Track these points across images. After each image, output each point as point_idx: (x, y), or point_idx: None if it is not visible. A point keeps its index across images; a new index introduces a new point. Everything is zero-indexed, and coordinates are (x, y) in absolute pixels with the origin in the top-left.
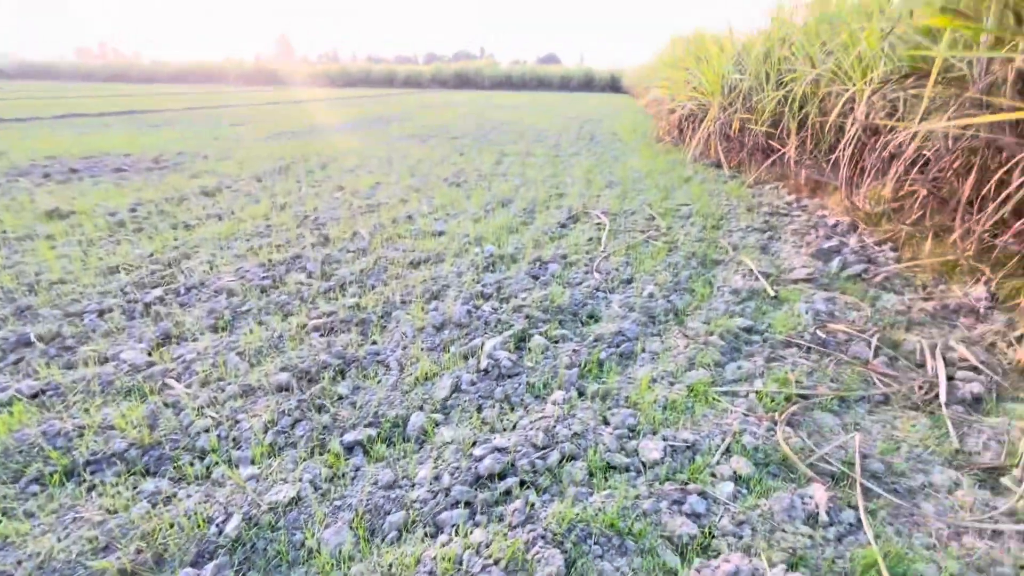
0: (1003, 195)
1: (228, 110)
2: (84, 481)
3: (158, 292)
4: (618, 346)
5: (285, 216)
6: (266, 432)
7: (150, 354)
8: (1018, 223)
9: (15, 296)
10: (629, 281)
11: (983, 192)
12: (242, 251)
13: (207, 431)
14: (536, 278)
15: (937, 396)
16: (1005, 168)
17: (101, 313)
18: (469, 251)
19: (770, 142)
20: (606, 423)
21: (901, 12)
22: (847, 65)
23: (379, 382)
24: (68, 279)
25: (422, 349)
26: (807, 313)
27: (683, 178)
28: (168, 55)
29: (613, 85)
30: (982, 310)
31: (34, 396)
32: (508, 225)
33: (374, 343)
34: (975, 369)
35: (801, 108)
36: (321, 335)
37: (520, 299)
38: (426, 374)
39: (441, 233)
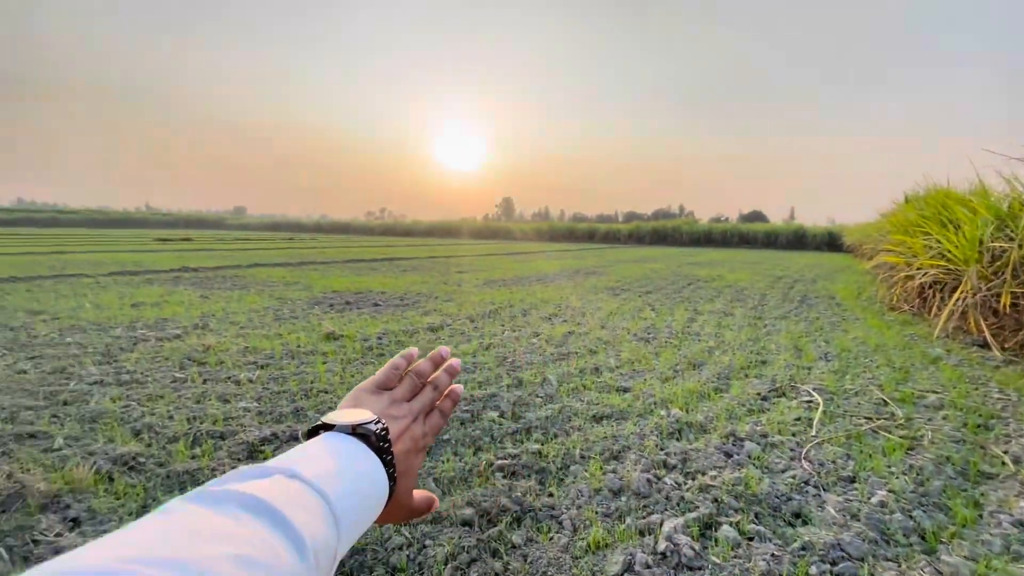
0: None
1: (456, 259)
2: None
3: None
4: (835, 563)
5: (488, 356)
6: (446, 563)
7: None
8: None
9: (295, 399)
10: (851, 480)
11: None
12: None
13: (400, 548)
14: (729, 456)
15: None
16: None
17: None
18: (654, 413)
19: None
20: None
21: None
22: None
23: (551, 539)
24: (328, 389)
25: (596, 512)
26: None
27: (929, 357)
28: (423, 216)
29: (831, 243)
30: None
31: None
32: (699, 390)
33: (550, 495)
34: None
35: None
36: (504, 476)
37: (708, 477)
38: (598, 543)
39: (626, 390)
